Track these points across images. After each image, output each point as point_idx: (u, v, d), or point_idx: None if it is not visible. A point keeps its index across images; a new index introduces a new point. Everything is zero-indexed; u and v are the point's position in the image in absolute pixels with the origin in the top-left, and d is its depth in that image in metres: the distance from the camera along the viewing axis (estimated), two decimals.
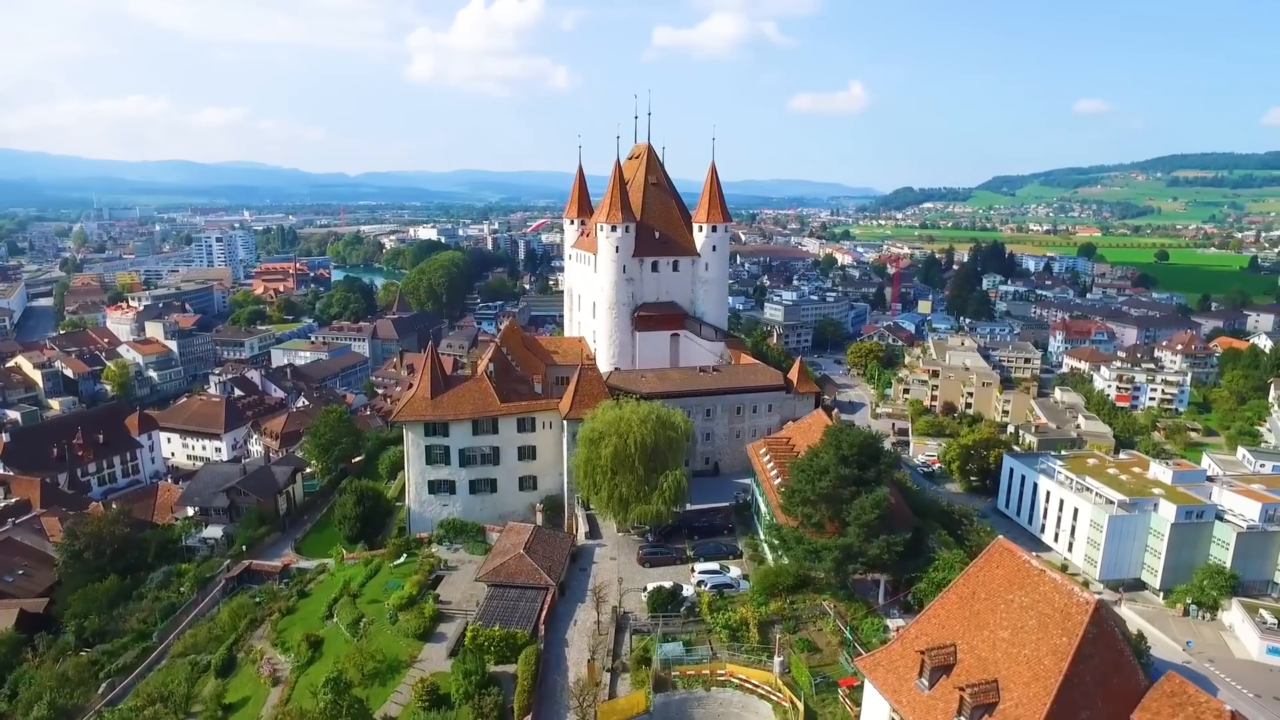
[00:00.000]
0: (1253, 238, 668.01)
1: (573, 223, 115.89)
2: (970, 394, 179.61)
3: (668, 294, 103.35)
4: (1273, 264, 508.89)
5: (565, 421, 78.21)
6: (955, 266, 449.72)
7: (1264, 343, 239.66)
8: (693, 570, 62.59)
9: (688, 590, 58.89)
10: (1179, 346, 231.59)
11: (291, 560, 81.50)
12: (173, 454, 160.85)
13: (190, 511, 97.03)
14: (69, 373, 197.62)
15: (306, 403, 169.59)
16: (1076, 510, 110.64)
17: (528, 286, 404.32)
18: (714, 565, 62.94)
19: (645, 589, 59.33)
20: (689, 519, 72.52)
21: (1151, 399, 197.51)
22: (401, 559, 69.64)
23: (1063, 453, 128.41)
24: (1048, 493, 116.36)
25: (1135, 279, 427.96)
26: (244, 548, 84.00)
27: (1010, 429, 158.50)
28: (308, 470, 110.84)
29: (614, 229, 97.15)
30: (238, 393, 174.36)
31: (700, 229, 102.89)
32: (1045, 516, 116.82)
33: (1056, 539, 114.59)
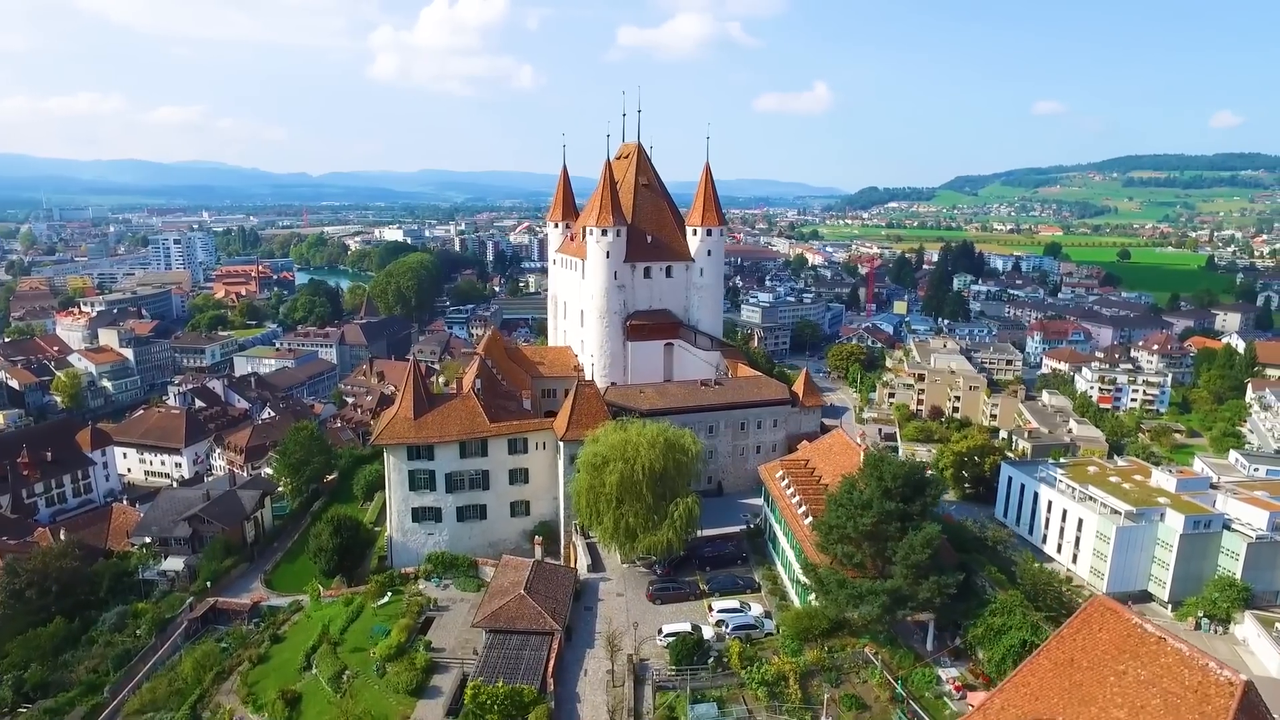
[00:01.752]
0: (1206, 237, 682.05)
1: (557, 226, 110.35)
2: (957, 398, 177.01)
3: (661, 301, 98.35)
4: (1229, 263, 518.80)
5: (562, 443, 72.42)
6: (926, 266, 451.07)
7: (1237, 342, 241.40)
8: (710, 608, 57.34)
9: (707, 632, 53.73)
10: (1155, 347, 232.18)
11: (262, 597, 74.55)
12: (129, 470, 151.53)
13: (148, 539, 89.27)
14: (14, 384, 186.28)
15: (273, 414, 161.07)
16: (1081, 521, 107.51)
17: (498, 289, 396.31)
18: (733, 602, 57.75)
19: (660, 631, 54.03)
20: (697, 546, 67.40)
21: (1133, 400, 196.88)
22: (386, 598, 63.34)
23: (1061, 460, 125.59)
24: (1049, 502, 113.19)
25: (1101, 278, 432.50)
26: (208, 583, 76.75)
27: (1002, 434, 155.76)
28: (277, 489, 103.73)
29: (604, 233, 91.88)
30: (199, 404, 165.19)
31: (694, 232, 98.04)
32: (1047, 527, 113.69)
33: (1060, 550, 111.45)
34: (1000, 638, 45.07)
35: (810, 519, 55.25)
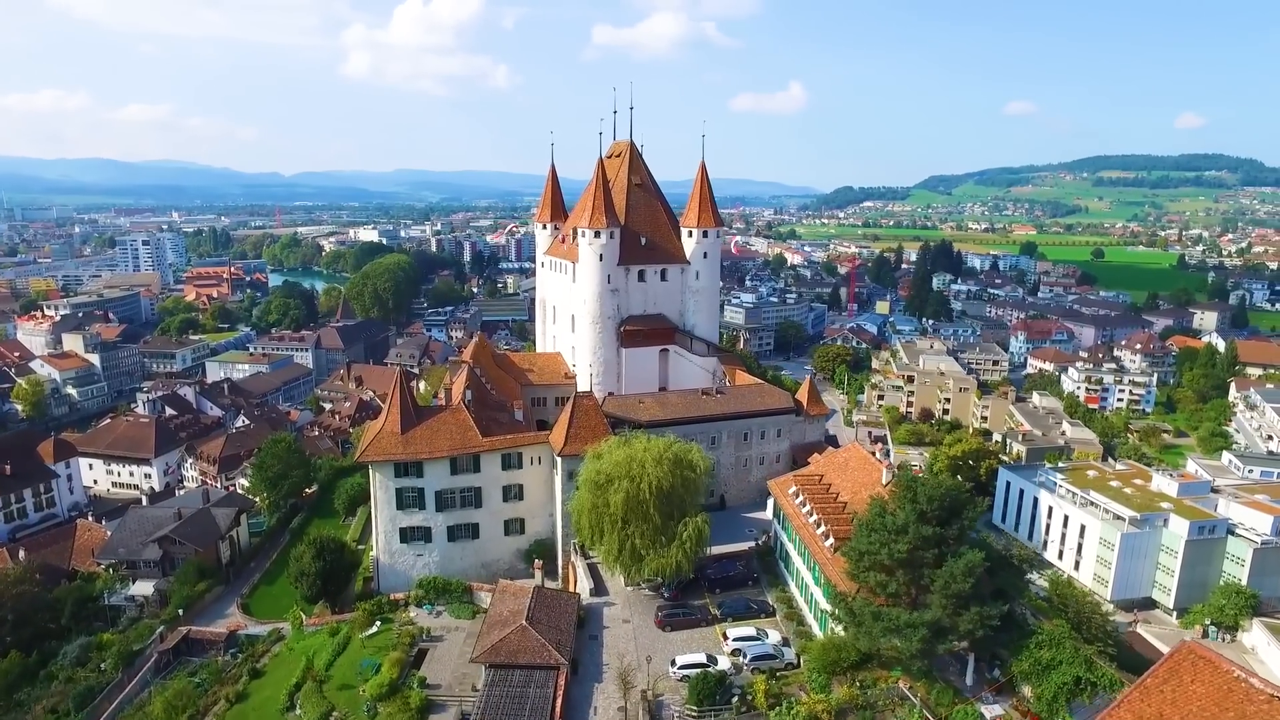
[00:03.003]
0: (1175, 236, 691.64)
1: (545, 227, 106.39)
2: (947, 400, 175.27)
3: (655, 305, 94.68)
4: (1199, 262, 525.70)
5: (560, 458, 68.46)
6: (905, 265, 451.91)
7: (1217, 341, 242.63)
8: (724, 636, 53.81)
9: (722, 662, 50.23)
10: (1138, 346, 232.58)
11: (239, 625, 69.87)
12: (95, 482, 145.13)
13: (114, 561, 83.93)
14: None
15: (247, 422, 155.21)
16: (1083, 527, 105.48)
17: (476, 290, 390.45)
18: (748, 629, 54.27)
19: (674, 663, 50.40)
20: (703, 565, 63.64)
21: (1119, 400, 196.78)
22: (374, 628, 59.04)
23: (1059, 464, 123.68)
24: (1050, 508, 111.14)
25: (1078, 277, 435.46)
26: (180, 610, 71.84)
27: (995, 437, 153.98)
28: (254, 505, 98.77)
29: (597, 234, 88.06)
30: (169, 412, 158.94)
31: (690, 234, 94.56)
32: (1048, 533, 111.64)
33: (1061, 556, 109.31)
34: (1049, 673, 41.99)
35: (832, 541, 51.91)
